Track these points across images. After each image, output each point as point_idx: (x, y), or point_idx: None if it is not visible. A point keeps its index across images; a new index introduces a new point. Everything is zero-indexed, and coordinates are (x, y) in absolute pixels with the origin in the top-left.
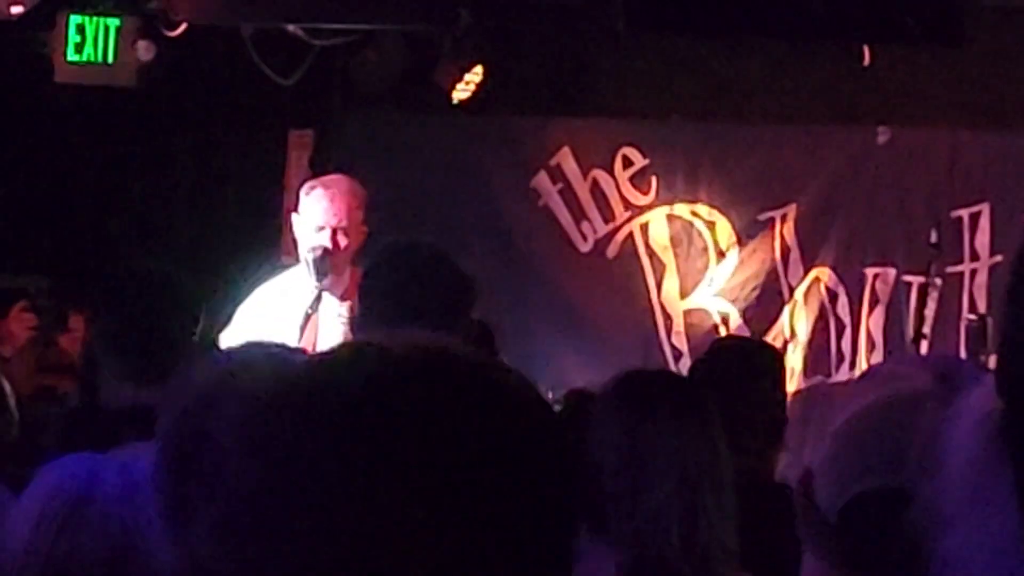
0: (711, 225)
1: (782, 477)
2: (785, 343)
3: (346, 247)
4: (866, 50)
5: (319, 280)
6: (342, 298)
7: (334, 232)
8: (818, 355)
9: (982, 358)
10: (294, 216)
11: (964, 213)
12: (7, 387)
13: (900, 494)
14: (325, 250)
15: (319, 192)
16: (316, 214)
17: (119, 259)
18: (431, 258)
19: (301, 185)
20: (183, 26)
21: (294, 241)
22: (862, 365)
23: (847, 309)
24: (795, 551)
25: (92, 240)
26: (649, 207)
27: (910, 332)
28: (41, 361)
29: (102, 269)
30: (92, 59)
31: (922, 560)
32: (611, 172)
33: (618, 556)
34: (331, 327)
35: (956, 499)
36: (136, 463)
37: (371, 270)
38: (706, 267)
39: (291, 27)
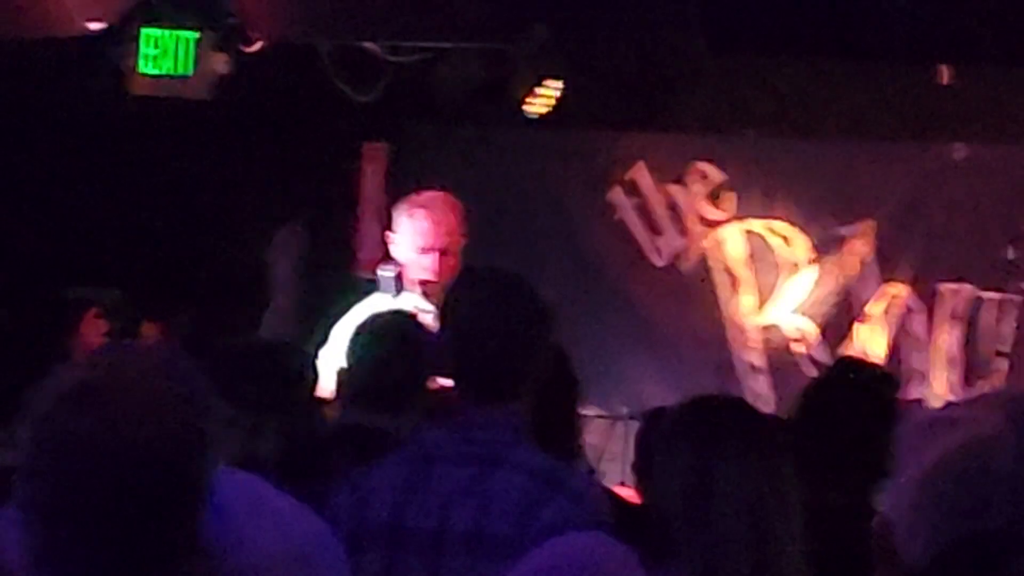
0: (787, 240)
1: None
2: None
3: (451, 267)
4: (943, 68)
5: (395, 296)
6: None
7: (439, 254)
8: (893, 372)
9: None
10: (390, 235)
11: None
12: None
13: (996, 538)
14: (400, 271)
15: (421, 213)
16: (418, 236)
17: (192, 272)
18: (510, 284)
19: (390, 202)
20: (260, 42)
21: (373, 255)
22: (937, 383)
23: (923, 326)
24: None
25: (165, 253)
26: (725, 222)
27: (987, 349)
28: None
29: (175, 281)
30: (170, 71)
31: None
32: (686, 187)
33: None
34: None
35: None
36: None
37: (451, 295)
38: (782, 283)
39: (367, 44)
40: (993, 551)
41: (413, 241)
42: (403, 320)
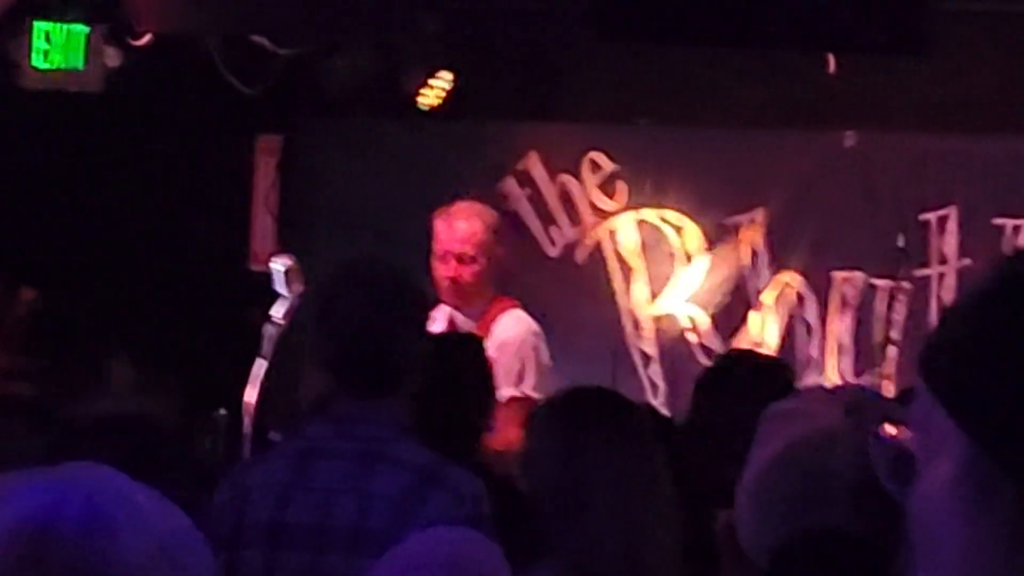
0: (679, 230)
1: None
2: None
3: (474, 274)
4: (831, 57)
5: (287, 291)
6: (480, 326)
7: (455, 260)
8: (786, 359)
9: None
10: None
11: (932, 217)
12: None
13: (835, 534)
14: (291, 264)
15: (438, 221)
16: (435, 242)
17: (83, 264)
18: (388, 278)
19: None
20: (148, 35)
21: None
22: (830, 370)
23: (815, 313)
24: None
25: (57, 245)
26: (617, 212)
27: (878, 336)
28: None
29: (67, 275)
30: (60, 65)
31: None
32: (579, 177)
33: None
34: None
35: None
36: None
37: (326, 290)
38: (675, 272)
39: (256, 37)
40: (834, 546)
41: (434, 246)
42: None
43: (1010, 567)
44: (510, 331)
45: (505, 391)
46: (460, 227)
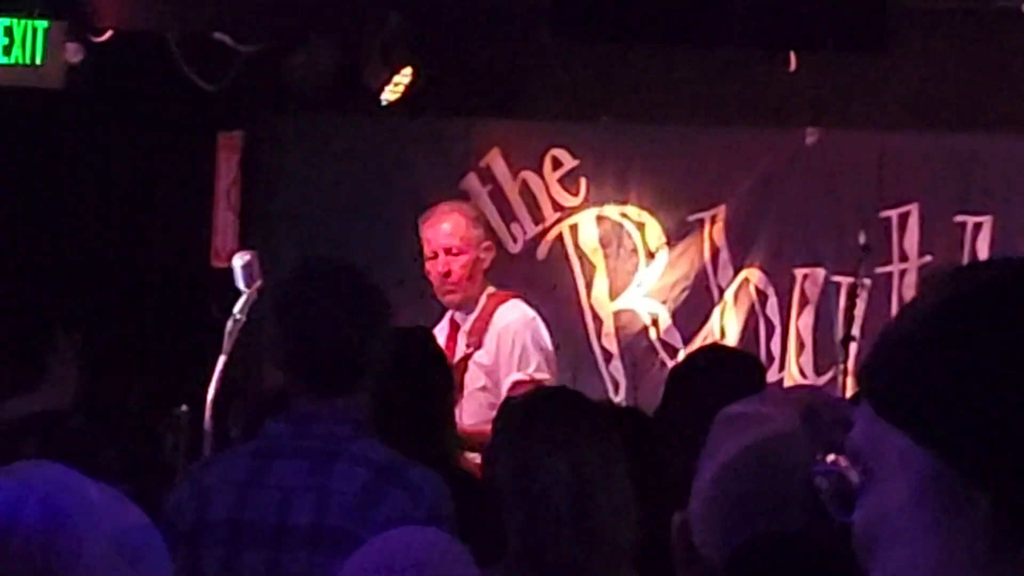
0: (640, 226)
1: None
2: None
3: (463, 265)
4: (792, 55)
5: (247, 286)
6: (478, 320)
7: (444, 253)
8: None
9: None
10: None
11: (893, 214)
12: None
13: (791, 538)
14: (251, 259)
15: (423, 225)
16: (426, 244)
17: (44, 260)
18: (345, 276)
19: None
20: (110, 32)
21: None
22: (792, 366)
23: (776, 310)
24: None
25: (17, 242)
26: (578, 208)
27: (839, 333)
28: None
29: (28, 271)
30: (21, 61)
31: None
32: (540, 173)
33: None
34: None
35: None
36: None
37: (285, 288)
38: (636, 268)
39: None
40: (790, 551)
41: (424, 253)
42: None
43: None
44: (506, 319)
45: (511, 376)
46: (443, 227)
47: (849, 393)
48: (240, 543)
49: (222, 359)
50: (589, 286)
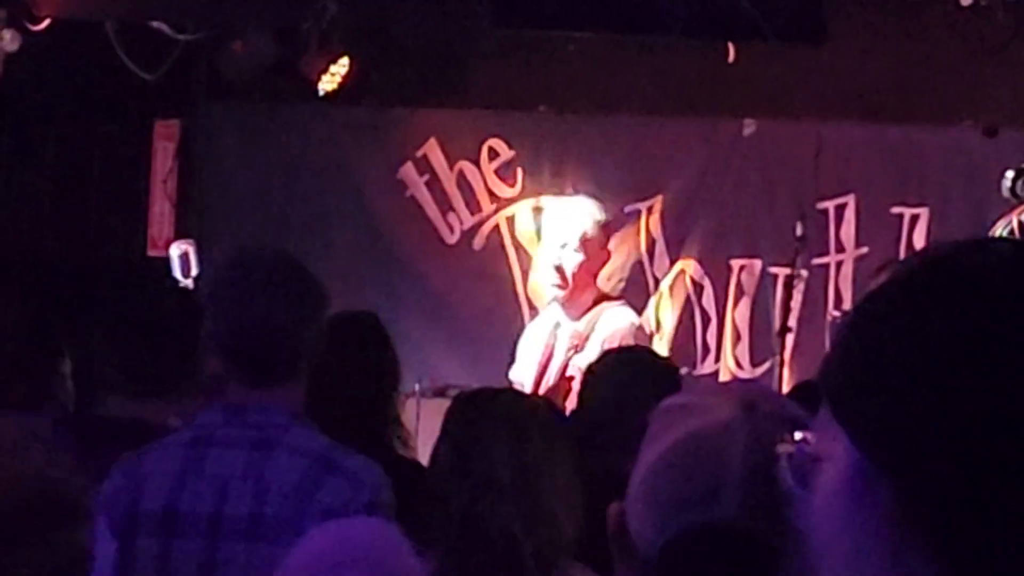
0: None
1: None
2: (651, 335)
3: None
4: (730, 46)
5: (185, 276)
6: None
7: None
8: (683, 347)
9: None
10: None
11: (830, 205)
12: None
13: (723, 529)
14: (187, 249)
15: None
16: None
17: None
18: (280, 265)
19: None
20: (48, 20)
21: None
22: (728, 357)
23: (713, 301)
24: None
25: None
26: (515, 199)
27: (776, 324)
28: None
29: None
30: None
31: None
32: (477, 164)
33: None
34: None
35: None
36: None
37: (220, 278)
38: None
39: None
40: (723, 542)
41: None
42: None
43: (894, 566)
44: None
45: None
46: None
47: (786, 384)
48: (175, 533)
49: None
50: (525, 276)
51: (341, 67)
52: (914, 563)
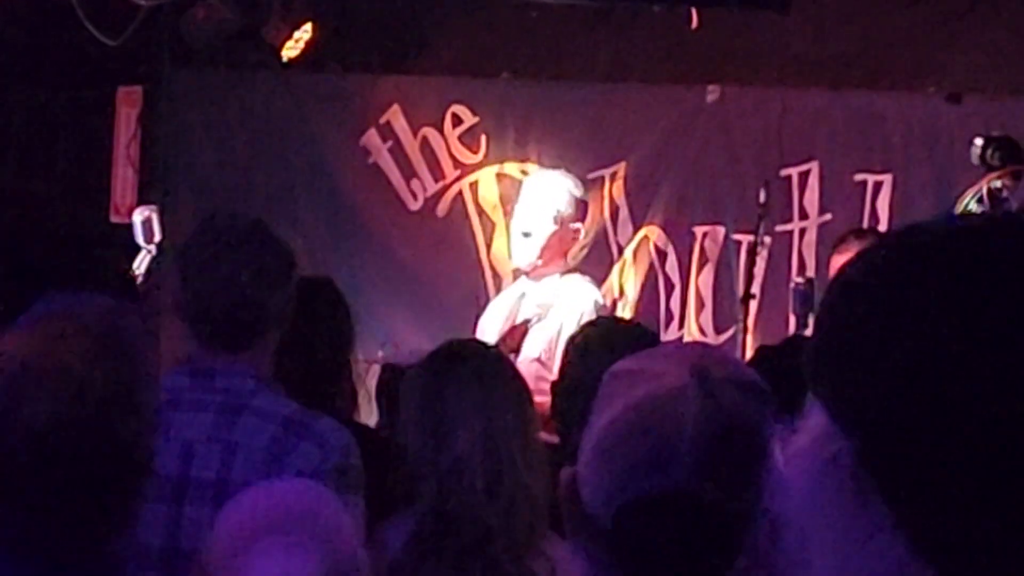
0: None
1: None
2: (614, 302)
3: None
4: (693, 12)
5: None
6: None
7: None
8: (647, 314)
9: (809, 320)
10: None
11: (793, 172)
12: None
13: (676, 495)
14: (150, 215)
15: None
16: None
17: None
18: (246, 231)
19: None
20: None
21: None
22: (691, 324)
23: (676, 268)
24: None
25: None
26: (479, 166)
27: (739, 291)
28: None
29: None
30: None
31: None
32: (441, 130)
33: (416, 516)
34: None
35: (807, 543)
36: None
37: (186, 244)
38: None
39: None
40: (676, 508)
41: None
42: None
43: (856, 519)
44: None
45: None
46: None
47: (749, 351)
48: None
49: None
50: (489, 243)
51: (304, 33)
52: (875, 517)
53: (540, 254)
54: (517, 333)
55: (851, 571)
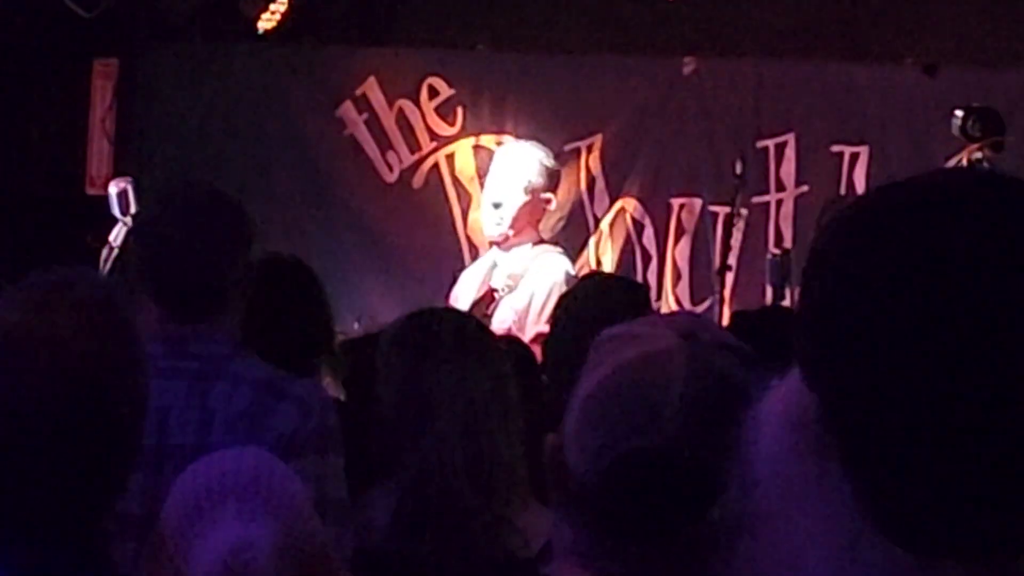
0: None
1: None
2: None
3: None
4: None
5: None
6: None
7: None
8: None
9: (786, 291)
10: None
11: (770, 143)
12: None
13: (661, 453)
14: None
15: None
16: None
17: None
18: (207, 199)
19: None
20: None
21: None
22: (668, 296)
23: (653, 240)
24: None
25: None
26: (455, 138)
27: (716, 263)
28: None
29: None
30: None
31: (691, 522)
32: (417, 102)
33: (397, 493)
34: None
35: (776, 494)
36: None
37: (147, 214)
38: None
39: None
40: (658, 465)
41: None
42: None
43: (820, 478)
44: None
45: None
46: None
47: (726, 322)
48: None
49: None
50: (465, 215)
51: (280, 5)
52: (834, 481)
53: (511, 224)
54: (484, 300)
55: (806, 531)
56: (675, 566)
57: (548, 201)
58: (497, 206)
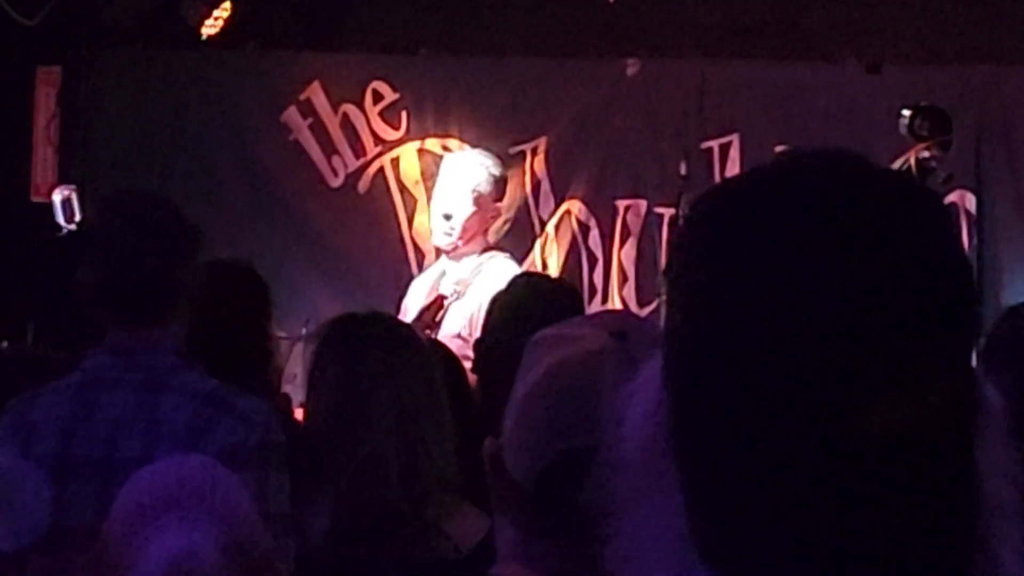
0: None
1: None
2: None
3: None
4: None
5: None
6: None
7: None
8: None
9: None
10: None
11: (714, 144)
12: None
13: (593, 455)
14: (69, 194)
15: None
16: None
17: None
18: (150, 207)
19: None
20: None
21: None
22: (614, 298)
23: (599, 242)
24: None
25: None
26: (400, 142)
27: (662, 264)
28: None
29: None
30: None
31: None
32: (361, 107)
33: (334, 501)
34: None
35: (629, 484)
36: None
37: (92, 222)
38: None
39: None
40: (586, 466)
41: None
42: None
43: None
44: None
45: None
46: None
47: None
48: (67, 478)
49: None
50: (411, 219)
51: (223, 11)
52: (670, 479)
53: (460, 234)
54: (433, 307)
55: (646, 529)
56: None
57: (498, 210)
58: (448, 217)
